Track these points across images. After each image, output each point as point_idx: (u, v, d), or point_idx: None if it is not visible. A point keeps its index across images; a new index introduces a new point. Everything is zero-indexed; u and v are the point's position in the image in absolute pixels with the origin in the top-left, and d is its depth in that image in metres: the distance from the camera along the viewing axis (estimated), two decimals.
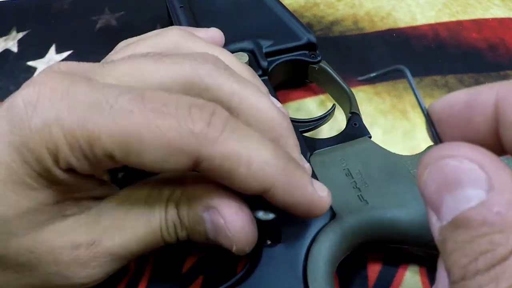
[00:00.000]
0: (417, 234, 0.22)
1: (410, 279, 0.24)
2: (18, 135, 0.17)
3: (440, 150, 0.13)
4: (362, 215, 0.22)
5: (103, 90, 0.17)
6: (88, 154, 0.17)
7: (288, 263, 0.21)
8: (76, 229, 0.19)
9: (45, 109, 0.17)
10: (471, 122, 0.14)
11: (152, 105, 0.17)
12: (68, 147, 0.17)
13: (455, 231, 0.12)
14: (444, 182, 0.13)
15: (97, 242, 0.19)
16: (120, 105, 0.17)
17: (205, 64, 0.20)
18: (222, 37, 0.27)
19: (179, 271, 0.25)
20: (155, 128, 0.16)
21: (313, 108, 0.33)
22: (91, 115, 0.17)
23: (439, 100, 0.15)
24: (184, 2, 0.33)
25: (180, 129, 0.16)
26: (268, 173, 0.18)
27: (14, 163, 0.17)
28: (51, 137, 0.16)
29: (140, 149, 0.17)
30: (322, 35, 0.39)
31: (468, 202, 0.12)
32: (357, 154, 0.25)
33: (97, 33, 0.40)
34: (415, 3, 0.42)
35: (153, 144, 0.16)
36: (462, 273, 0.12)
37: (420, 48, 0.37)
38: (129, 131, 0.16)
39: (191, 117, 0.17)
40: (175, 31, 0.23)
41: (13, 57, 0.39)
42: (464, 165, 0.13)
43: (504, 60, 0.36)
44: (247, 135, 0.18)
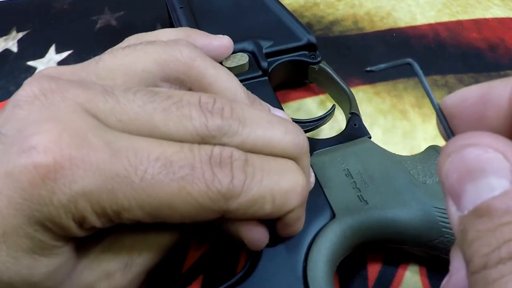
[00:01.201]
0: (417, 234, 0.22)
1: (410, 279, 0.24)
2: (39, 211, 0.15)
3: (463, 139, 0.13)
4: (362, 215, 0.22)
5: (127, 154, 0.16)
6: (115, 220, 0.17)
7: (288, 263, 0.21)
8: (105, 259, 0.19)
9: (69, 183, 0.15)
10: (484, 116, 0.14)
11: (181, 171, 0.16)
12: (95, 216, 0.16)
13: (477, 220, 0.12)
14: (466, 171, 0.13)
15: (129, 264, 0.19)
16: (151, 176, 0.16)
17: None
18: (232, 45, 0.27)
19: (179, 271, 0.25)
20: (186, 195, 0.16)
21: (313, 108, 0.33)
22: (121, 186, 0.16)
23: (452, 95, 0.15)
24: (184, 3, 0.33)
25: (209, 192, 0.16)
26: (292, 199, 0.18)
27: (37, 232, 0.16)
28: (77, 210, 0.16)
29: (170, 214, 0.17)
30: (322, 35, 0.39)
31: (491, 191, 0.12)
32: (357, 155, 0.25)
33: (97, 33, 0.40)
34: (415, 3, 0.42)
35: (184, 209, 0.16)
36: (483, 262, 0.11)
37: (420, 48, 0.37)
38: (160, 201, 0.16)
39: (216, 176, 0.17)
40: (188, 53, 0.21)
41: (13, 57, 0.39)
42: (488, 154, 0.13)
43: (504, 60, 0.36)
44: (266, 171, 0.18)
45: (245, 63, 0.28)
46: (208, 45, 0.25)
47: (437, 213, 0.22)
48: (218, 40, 0.26)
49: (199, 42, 0.24)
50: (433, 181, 0.23)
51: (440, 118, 0.15)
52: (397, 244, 0.24)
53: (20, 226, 0.15)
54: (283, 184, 0.18)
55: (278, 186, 0.18)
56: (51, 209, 0.15)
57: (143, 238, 0.19)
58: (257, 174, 0.18)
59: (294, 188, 0.18)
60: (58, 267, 0.17)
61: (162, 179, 0.16)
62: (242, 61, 0.28)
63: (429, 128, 0.32)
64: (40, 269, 0.16)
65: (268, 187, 0.18)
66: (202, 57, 0.21)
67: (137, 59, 0.20)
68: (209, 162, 0.17)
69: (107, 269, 0.18)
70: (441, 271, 0.25)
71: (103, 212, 0.16)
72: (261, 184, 0.17)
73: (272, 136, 0.19)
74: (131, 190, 0.16)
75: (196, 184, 0.16)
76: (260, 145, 0.19)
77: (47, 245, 0.16)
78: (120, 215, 0.16)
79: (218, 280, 0.24)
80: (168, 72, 0.20)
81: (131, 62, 0.20)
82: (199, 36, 0.25)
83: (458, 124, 0.15)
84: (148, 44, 0.21)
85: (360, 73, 0.35)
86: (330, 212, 0.22)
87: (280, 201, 0.18)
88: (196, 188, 0.16)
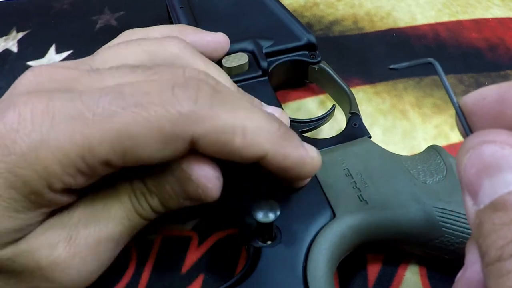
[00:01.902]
0: (417, 234, 0.22)
1: (410, 279, 0.24)
2: (2, 162, 0.16)
3: (481, 135, 0.14)
4: (362, 215, 0.22)
5: (81, 98, 0.17)
6: (83, 168, 0.17)
7: (288, 263, 0.21)
8: (51, 229, 0.18)
9: (28, 132, 0.16)
10: (503, 115, 0.14)
11: (133, 99, 0.16)
12: (59, 166, 0.16)
13: (493, 214, 0.12)
14: (483, 167, 0.13)
15: (74, 236, 0.18)
16: (102, 109, 0.16)
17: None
18: (228, 42, 0.27)
19: (179, 271, 0.25)
20: (144, 121, 0.16)
21: (313, 108, 0.33)
22: (76, 127, 0.16)
23: (472, 93, 0.15)
24: (184, 3, 0.33)
25: (168, 115, 0.16)
26: (263, 138, 0.18)
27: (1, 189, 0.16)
28: (39, 160, 0.16)
29: (134, 146, 0.16)
30: (322, 35, 0.39)
31: (507, 186, 0.12)
32: (357, 154, 0.25)
33: (97, 33, 0.40)
34: (415, 3, 0.42)
35: (145, 138, 0.16)
36: (498, 254, 0.12)
37: (420, 48, 0.37)
38: (118, 132, 0.16)
39: (176, 98, 0.16)
40: (176, 44, 0.22)
41: (13, 57, 0.39)
42: (505, 151, 0.13)
43: (504, 60, 0.36)
44: (237, 104, 0.18)
45: (245, 63, 0.28)
46: (200, 39, 0.25)
47: (437, 213, 0.22)
48: (210, 36, 0.26)
49: (190, 37, 0.25)
50: (433, 181, 0.23)
51: (459, 116, 0.15)
52: (397, 244, 0.24)
53: None
54: (257, 120, 0.18)
55: (251, 121, 0.18)
56: (13, 159, 0.16)
57: (90, 210, 0.19)
58: (227, 102, 0.17)
59: (268, 127, 0.18)
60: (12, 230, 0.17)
61: (113, 109, 0.16)
62: (242, 61, 0.28)
63: (429, 128, 0.32)
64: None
65: (239, 118, 0.17)
66: (191, 50, 0.22)
67: (129, 51, 0.21)
68: (169, 85, 0.17)
69: (50, 238, 0.18)
70: (441, 271, 0.25)
71: (67, 160, 0.16)
72: (231, 112, 0.17)
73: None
74: (87, 128, 0.16)
75: (152, 109, 0.16)
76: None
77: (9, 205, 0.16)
78: (85, 159, 0.16)
79: (218, 280, 0.24)
80: (156, 62, 0.21)
81: (124, 53, 0.21)
82: (191, 32, 0.25)
83: (477, 121, 0.15)
84: (140, 39, 0.22)
85: (360, 73, 0.35)
86: (330, 212, 0.22)
87: (252, 137, 0.17)
88: (152, 113, 0.16)
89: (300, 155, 0.19)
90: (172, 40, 0.22)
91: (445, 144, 0.31)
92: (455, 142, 0.31)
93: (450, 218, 0.22)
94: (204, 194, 0.19)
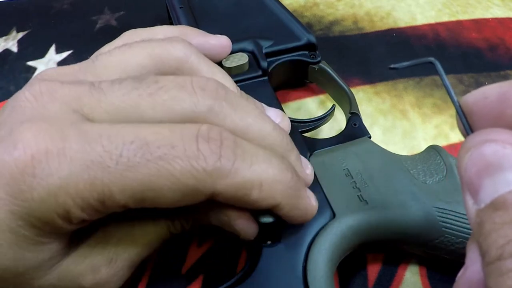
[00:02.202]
0: (417, 234, 0.22)
1: (410, 279, 0.24)
2: (21, 206, 0.16)
3: (482, 135, 0.14)
4: (362, 215, 0.22)
5: (101, 141, 0.16)
6: (101, 209, 0.16)
7: (288, 263, 0.21)
8: (91, 254, 0.19)
9: (45, 177, 0.16)
10: (504, 114, 0.14)
11: (159, 151, 0.16)
12: (78, 208, 0.16)
13: (494, 213, 0.13)
14: (484, 166, 0.13)
15: (114, 259, 0.19)
16: (126, 158, 0.16)
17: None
18: (230, 45, 0.27)
19: (179, 271, 0.25)
20: (168, 175, 0.16)
21: (313, 108, 0.33)
22: (97, 173, 0.16)
23: (472, 93, 0.15)
24: (184, 3, 0.33)
25: (193, 170, 0.16)
26: (278, 190, 0.18)
27: (21, 228, 0.16)
28: (58, 204, 0.16)
29: (155, 197, 0.16)
30: (322, 35, 0.39)
31: (508, 185, 0.13)
32: (357, 154, 0.25)
33: (97, 33, 0.40)
34: (415, 3, 0.42)
35: (167, 190, 0.16)
36: (499, 253, 0.12)
37: (420, 48, 0.37)
38: (141, 183, 0.16)
39: (201, 153, 0.16)
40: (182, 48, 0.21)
41: (13, 57, 0.39)
42: (506, 150, 0.13)
43: (504, 60, 0.36)
44: (255, 157, 0.18)
45: (245, 63, 0.28)
46: (204, 43, 0.25)
47: (437, 213, 0.22)
48: (215, 39, 0.26)
49: (195, 40, 0.24)
50: (433, 181, 0.23)
51: (460, 115, 0.15)
52: (397, 244, 0.24)
53: (4, 220, 0.16)
54: (272, 173, 0.18)
55: (267, 174, 0.18)
56: (32, 204, 0.16)
57: (129, 234, 0.19)
58: (246, 157, 0.17)
59: (282, 179, 0.18)
60: (44, 260, 0.17)
61: (138, 160, 0.16)
62: (242, 61, 0.28)
63: (429, 128, 0.32)
64: (25, 262, 0.17)
65: (257, 172, 0.17)
66: (196, 54, 0.21)
67: (132, 55, 0.20)
68: (195, 139, 0.17)
69: (92, 263, 0.19)
70: (441, 271, 0.25)
71: (86, 203, 0.16)
72: (250, 168, 0.17)
73: (262, 127, 0.19)
74: (109, 176, 0.16)
75: (177, 163, 0.16)
76: (250, 134, 0.18)
77: (33, 240, 0.16)
78: (104, 203, 0.16)
79: (218, 280, 0.24)
80: (161, 66, 0.20)
81: (127, 58, 0.20)
82: (195, 34, 0.25)
83: (478, 121, 0.15)
84: (144, 41, 0.21)
85: (360, 73, 0.35)
86: (330, 212, 0.22)
87: (267, 190, 0.18)
88: (177, 167, 0.16)
89: (305, 205, 0.19)
90: (177, 43, 0.21)
91: (445, 144, 0.31)
92: (455, 142, 0.31)
93: (450, 218, 0.22)
94: (242, 235, 0.19)
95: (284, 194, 0.18)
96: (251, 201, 0.18)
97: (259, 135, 0.19)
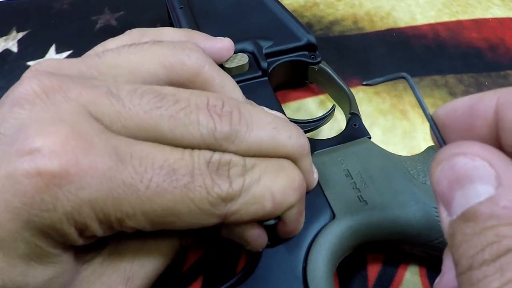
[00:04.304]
0: (417, 235, 0.22)
1: (410, 279, 0.24)
2: (38, 216, 0.15)
3: (452, 148, 0.14)
4: (362, 216, 0.22)
5: (132, 162, 0.16)
6: (116, 227, 0.16)
7: (288, 263, 0.21)
8: (105, 272, 0.18)
9: (75, 190, 0.15)
10: (473, 126, 0.15)
11: (184, 179, 0.16)
12: (97, 224, 0.16)
13: (464, 224, 0.13)
14: (455, 178, 0.13)
15: (131, 278, 0.18)
16: (156, 184, 0.16)
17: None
18: (233, 47, 0.27)
19: (179, 271, 0.25)
20: (188, 202, 0.16)
21: (313, 108, 0.33)
22: (126, 194, 0.15)
23: (443, 106, 0.16)
24: (184, 3, 0.33)
25: (209, 197, 0.17)
26: (290, 197, 0.18)
27: (34, 237, 0.15)
28: (80, 217, 0.15)
29: (172, 221, 0.17)
30: (322, 35, 0.39)
31: (478, 197, 0.13)
32: (357, 155, 0.25)
33: (97, 33, 0.40)
34: (415, 3, 0.42)
35: (185, 215, 0.17)
36: (469, 263, 0.12)
37: (420, 48, 0.37)
38: (165, 209, 0.16)
39: (215, 182, 0.17)
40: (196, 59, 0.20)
41: (13, 57, 0.39)
42: (475, 163, 0.13)
43: (504, 60, 0.36)
44: (263, 171, 0.18)
45: (245, 64, 0.28)
46: (210, 48, 0.25)
47: (437, 213, 0.22)
48: (220, 43, 0.26)
49: (203, 45, 0.24)
50: None
51: (433, 128, 0.16)
52: (397, 244, 0.24)
53: (17, 231, 0.15)
54: (281, 181, 0.18)
55: (277, 184, 0.18)
56: (52, 216, 0.15)
57: (144, 249, 0.19)
58: (255, 175, 0.18)
59: (292, 184, 0.18)
60: (55, 276, 0.16)
61: (166, 187, 0.16)
62: (242, 62, 0.28)
63: (429, 128, 0.32)
64: (35, 277, 0.16)
65: (266, 185, 0.18)
66: (210, 64, 0.21)
67: (142, 59, 0.19)
68: (207, 169, 0.17)
69: (107, 282, 0.18)
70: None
71: (106, 220, 0.16)
72: (259, 184, 0.18)
73: (277, 140, 0.19)
74: (137, 199, 0.16)
75: (197, 191, 0.16)
76: (264, 149, 0.19)
77: (44, 251, 0.16)
78: (122, 222, 0.16)
79: (218, 280, 0.24)
80: (173, 77, 0.20)
81: (136, 61, 0.19)
82: (202, 39, 0.25)
83: (450, 133, 0.15)
84: (155, 44, 0.20)
85: (360, 73, 0.35)
86: (330, 213, 0.22)
87: (280, 197, 0.18)
88: (197, 195, 0.16)
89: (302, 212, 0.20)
90: (192, 52, 0.20)
91: None
92: None
93: None
94: (251, 247, 0.20)
95: (296, 196, 0.19)
96: (266, 213, 0.18)
97: (274, 148, 0.19)
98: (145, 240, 0.19)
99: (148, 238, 0.19)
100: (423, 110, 0.16)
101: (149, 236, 0.19)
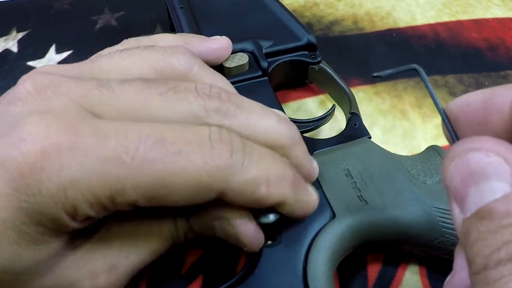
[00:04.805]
0: (417, 234, 0.22)
1: (410, 279, 0.24)
2: (27, 202, 0.15)
3: (466, 143, 0.14)
4: (362, 215, 0.22)
5: (117, 136, 0.16)
6: (109, 206, 0.16)
7: (288, 263, 0.21)
8: (92, 258, 0.18)
9: (56, 171, 0.15)
10: (487, 121, 0.14)
11: (175, 147, 0.16)
12: (87, 205, 0.16)
13: (479, 222, 0.12)
14: (469, 175, 0.13)
15: (115, 265, 0.18)
16: (142, 153, 0.16)
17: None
18: (231, 46, 0.27)
19: (179, 271, 0.25)
20: (182, 172, 0.16)
21: (313, 108, 0.33)
22: (111, 169, 0.15)
23: (456, 100, 0.15)
24: (184, 3, 0.33)
25: (206, 166, 0.16)
26: (284, 185, 0.18)
27: (24, 225, 0.16)
28: (67, 200, 0.15)
29: (166, 194, 0.16)
30: (322, 35, 0.39)
31: (493, 194, 0.12)
32: (357, 155, 0.25)
33: (97, 33, 0.40)
34: (415, 3, 0.42)
35: (179, 187, 0.16)
36: (484, 262, 0.12)
37: (420, 48, 0.37)
38: (155, 179, 0.16)
39: (215, 151, 0.16)
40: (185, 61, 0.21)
41: (13, 57, 0.39)
42: (490, 159, 0.13)
43: (504, 60, 0.36)
44: (261, 154, 0.18)
45: (245, 63, 0.28)
46: (206, 49, 0.25)
47: (437, 213, 0.22)
48: (216, 43, 0.26)
49: (198, 48, 0.24)
50: (433, 181, 0.23)
51: (445, 122, 0.15)
52: (397, 244, 0.24)
53: (8, 218, 0.15)
54: (277, 169, 0.18)
55: (273, 170, 0.18)
56: (39, 199, 0.15)
57: (132, 241, 0.19)
58: (254, 155, 0.18)
59: (286, 175, 0.18)
60: (43, 260, 0.17)
61: (155, 156, 0.16)
62: (242, 61, 0.28)
63: (429, 128, 0.32)
64: (23, 261, 0.16)
65: (264, 169, 0.18)
66: (199, 65, 0.21)
67: (133, 63, 0.20)
68: (208, 138, 0.17)
69: (93, 268, 0.18)
70: (441, 271, 0.25)
71: (96, 199, 0.16)
72: (258, 165, 0.17)
73: (267, 123, 0.19)
74: (123, 171, 0.15)
75: (192, 159, 0.16)
76: (257, 131, 0.19)
77: (34, 238, 0.16)
78: (114, 200, 0.16)
79: (218, 280, 0.24)
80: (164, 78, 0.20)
81: (127, 65, 0.20)
82: (197, 41, 0.25)
83: (462, 127, 0.15)
84: (146, 49, 0.21)
85: (360, 73, 0.35)
86: (330, 212, 0.22)
87: (274, 184, 0.18)
88: (192, 164, 0.16)
89: (308, 199, 0.20)
90: (180, 55, 0.21)
91: (445, 144, 0.31)
92: None
93: (450, 218, 0.22)
94: (247, 248, 0.19)
95: (289, 189, 0.18)
96: (259, 198, 0.18)
97: (265, 130, 0.19)
98: (134, 232, 0.19)
99: (140, 229, 0.19)
100: (435, 104, 0.15)
101: (139, 228, 0.19)
